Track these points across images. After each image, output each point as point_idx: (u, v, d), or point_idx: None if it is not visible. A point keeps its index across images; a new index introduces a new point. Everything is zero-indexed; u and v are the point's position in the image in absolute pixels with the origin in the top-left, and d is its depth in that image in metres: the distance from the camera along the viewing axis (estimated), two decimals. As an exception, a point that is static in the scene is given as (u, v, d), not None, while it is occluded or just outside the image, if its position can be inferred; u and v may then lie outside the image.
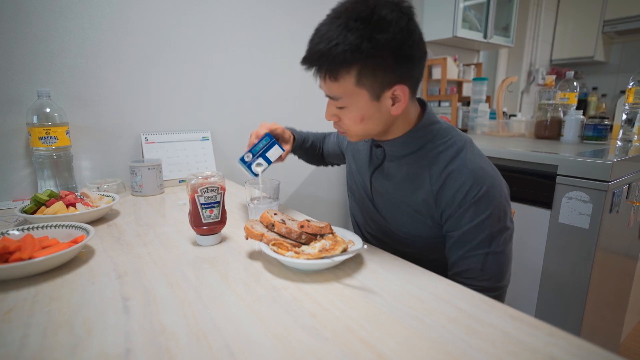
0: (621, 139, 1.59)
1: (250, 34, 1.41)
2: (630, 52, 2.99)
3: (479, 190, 0.63)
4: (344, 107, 0.64)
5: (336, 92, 0.62)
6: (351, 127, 0.67)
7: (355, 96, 0.62)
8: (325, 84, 0.63)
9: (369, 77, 0.60)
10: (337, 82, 0.61)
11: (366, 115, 0.64)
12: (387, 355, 0.39)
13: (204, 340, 0.41)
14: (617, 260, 1.35)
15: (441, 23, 1.98)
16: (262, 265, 0.62)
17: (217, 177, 0.69)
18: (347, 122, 0.66)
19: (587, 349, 0.40)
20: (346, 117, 0.66)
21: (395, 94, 0.62)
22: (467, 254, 0.66)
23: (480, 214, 0.64)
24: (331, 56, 0.57)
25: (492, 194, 0.64)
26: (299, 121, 1.60)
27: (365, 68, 0.59)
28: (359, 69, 0.59)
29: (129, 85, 1.17)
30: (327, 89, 0.64)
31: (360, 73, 0.59)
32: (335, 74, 0.60)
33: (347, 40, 0.56)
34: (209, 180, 0.68)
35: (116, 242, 0.72)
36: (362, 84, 0.60)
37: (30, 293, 0.52)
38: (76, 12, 1.05)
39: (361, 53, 0.56)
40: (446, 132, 0.70)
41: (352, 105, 0.63)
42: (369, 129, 0.67)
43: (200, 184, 0.67)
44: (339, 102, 0.64)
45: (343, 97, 0.63)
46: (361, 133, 0.68)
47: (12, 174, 1.01)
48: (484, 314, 0.47)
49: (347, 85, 0.61)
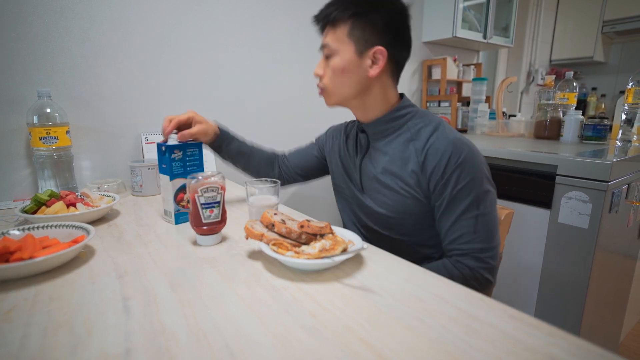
0: (620, 139, 1.59)
1: (250, 34, 1.41)
2: (630, 53, 2.99)
3: (459, 156, 0.71)
4: (332, 56, 0.75)
5: (330, 39, 0.75)
6: (330, 80, 0.77)
7: (344, 45, 0.74)
8: (325, 34, 0.77)
9: (359, 31, 0.72)
10: (334, 29, 0.74)
11: (347, 67, 0.74)
12: (387, 355, 0.39)
13: (204, 340, 0.41)
14: (617, 260, 1.35)
15: (441, 23, 1.98)
16: (262, 265, 0.62)
17: (217, 177, 0.69)
18: (329, 73, 0.76)
19: (586, 349, 0.40)
20: (329, 67, 0.76)
21: (375, 55, 0.73)
22: (458, 219, 0.72)
23: (465, 178, 0.70)
24: (336, 7, 0.73)
25: (471, 159, 0.71)
26: (300, 121, 1.60)
27: (358, 22, 0.72)
28: (353, 21, 0.72)
29: (129, 85, 1.17)
30: (325, 38, 0.76)
31: (353, 25, 0.72)
32: (336, 20, 0.73)
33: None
34: (209, 180, 0.68)
35: (116, 242, 0.72)
36: (352, 35, 0.73)
37: (31, 293, 0.52)
38: (77, 12, 1.05)
39: (358, 7, 0.71)
40: (423, 113, 0.80)
41: (338, 54, 0.74)
42: (345, 85, 0.76)
43: (200, 184, 0.67)
44: (327, 49, 0.75)
45: (334, 44, 0.74)
46: (339, 89, 0.77)
47: (12, 174, 1.01)
48: (483, 314, 0.47)
49: (341, 33, 0.74)
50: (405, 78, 2.09)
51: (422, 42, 2.10)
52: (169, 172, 0.78)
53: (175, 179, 0.79)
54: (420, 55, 2.13)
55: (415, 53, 2.08)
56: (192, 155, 0.81)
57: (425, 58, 2.14)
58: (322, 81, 0.79)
